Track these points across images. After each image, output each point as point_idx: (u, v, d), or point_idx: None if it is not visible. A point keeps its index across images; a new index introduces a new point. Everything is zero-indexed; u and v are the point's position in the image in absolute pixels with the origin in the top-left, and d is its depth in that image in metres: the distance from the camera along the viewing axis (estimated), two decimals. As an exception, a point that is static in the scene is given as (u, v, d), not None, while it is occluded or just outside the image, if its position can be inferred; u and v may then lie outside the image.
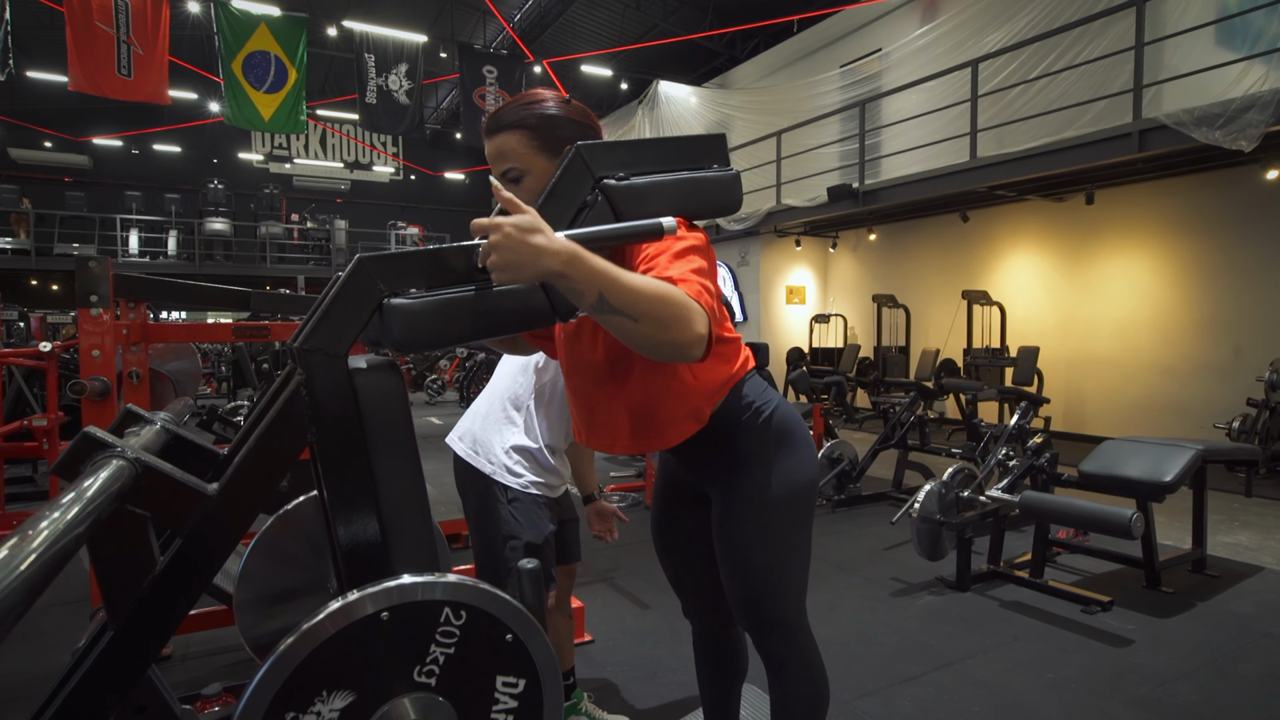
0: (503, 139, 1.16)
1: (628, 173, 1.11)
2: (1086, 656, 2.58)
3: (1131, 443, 3.38)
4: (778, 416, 1.29)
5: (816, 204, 8.39)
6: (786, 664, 1.36)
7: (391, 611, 0.83)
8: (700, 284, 0.99)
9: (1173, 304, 6.90)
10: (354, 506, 0.91)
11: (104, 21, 8.37)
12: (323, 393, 0.88)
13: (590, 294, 0.88)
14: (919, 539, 3.14)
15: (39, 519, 0.63)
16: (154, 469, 0.83)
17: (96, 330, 1.76)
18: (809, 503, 1.34)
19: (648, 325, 0.91)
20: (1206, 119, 4.90)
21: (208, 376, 12.22)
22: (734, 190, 1.22)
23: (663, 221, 0.99)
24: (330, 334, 0.89)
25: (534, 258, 0.86)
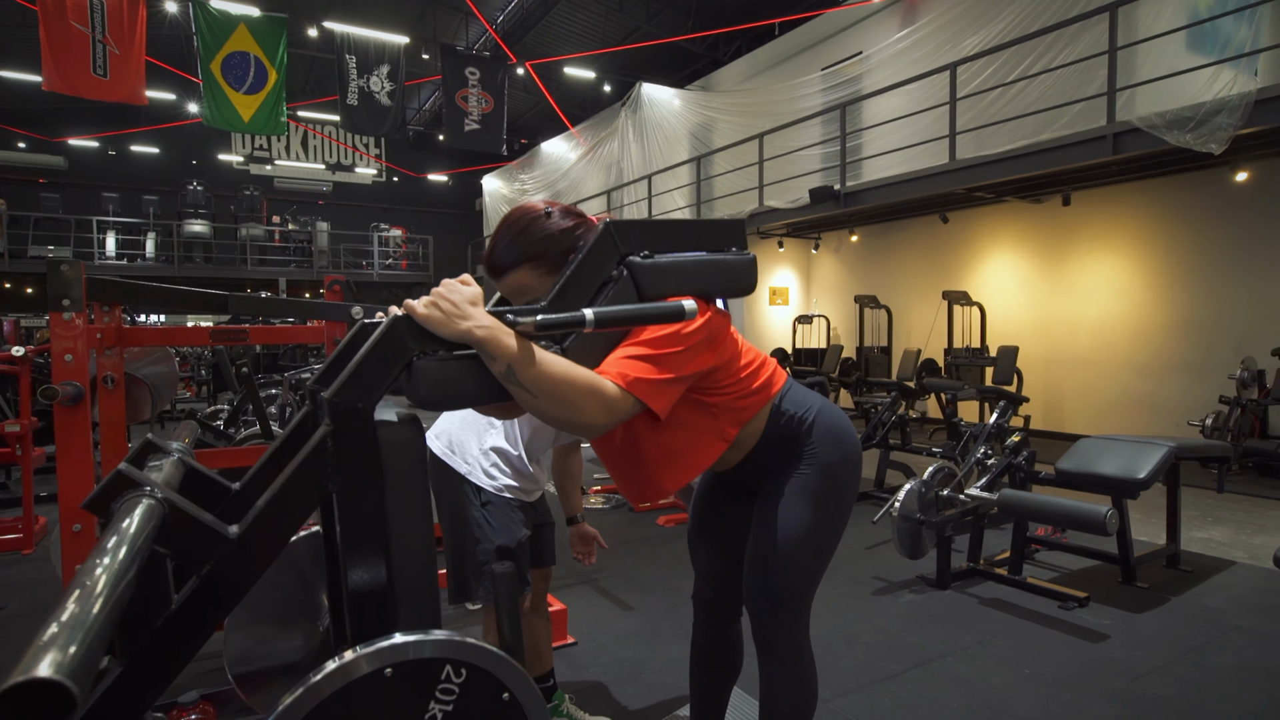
0: (514, 278, 1.20)
1: (651, 251, 1.18)
2: (1063, 652, 2.62)
3: (1107, 441, 3.43)
4: (820, 419, 1.39)
5: (799, 206, 8.43)
6: (782, 655, 1.41)
7: (395, 668, 0.84)
8: (636, 376, 1.09)
9: (1147, 303, 7.02)
10: (366, 556, 0.94)
11: (79, 21, 8.24)
12: (349, 445, 0.92)
13: (500, 364, 0.98)
14: (900, 538, 3.16)
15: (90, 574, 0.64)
16: (181, 511, 0.84)
17: (69, 334, 1.73)
18: (848, 499, 1.43)
19: (545, 403, 1.02)
20: (1178, 122, 4.99)
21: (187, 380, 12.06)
22: (750, 274, 1.29)
23: (684, 304, 1.05)
24: (360, 389, 0.93)
25: (459, 318, 0.97)
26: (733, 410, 1.30)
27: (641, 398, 1.10)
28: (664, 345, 1.13)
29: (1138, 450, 3.22)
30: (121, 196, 15.16)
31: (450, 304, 0.97)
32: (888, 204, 7.87)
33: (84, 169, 16.67)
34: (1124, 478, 3.12)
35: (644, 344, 1.12)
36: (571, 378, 1.04)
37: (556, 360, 1.03)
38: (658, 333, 1.13)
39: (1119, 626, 2.82)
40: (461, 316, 0.97)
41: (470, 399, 1.02)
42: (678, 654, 2.61)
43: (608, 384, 1.07)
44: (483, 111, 10.74)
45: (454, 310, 0.97)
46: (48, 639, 0.53)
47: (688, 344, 1.15)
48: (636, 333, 1.13)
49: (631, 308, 1.08)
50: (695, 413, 1.26)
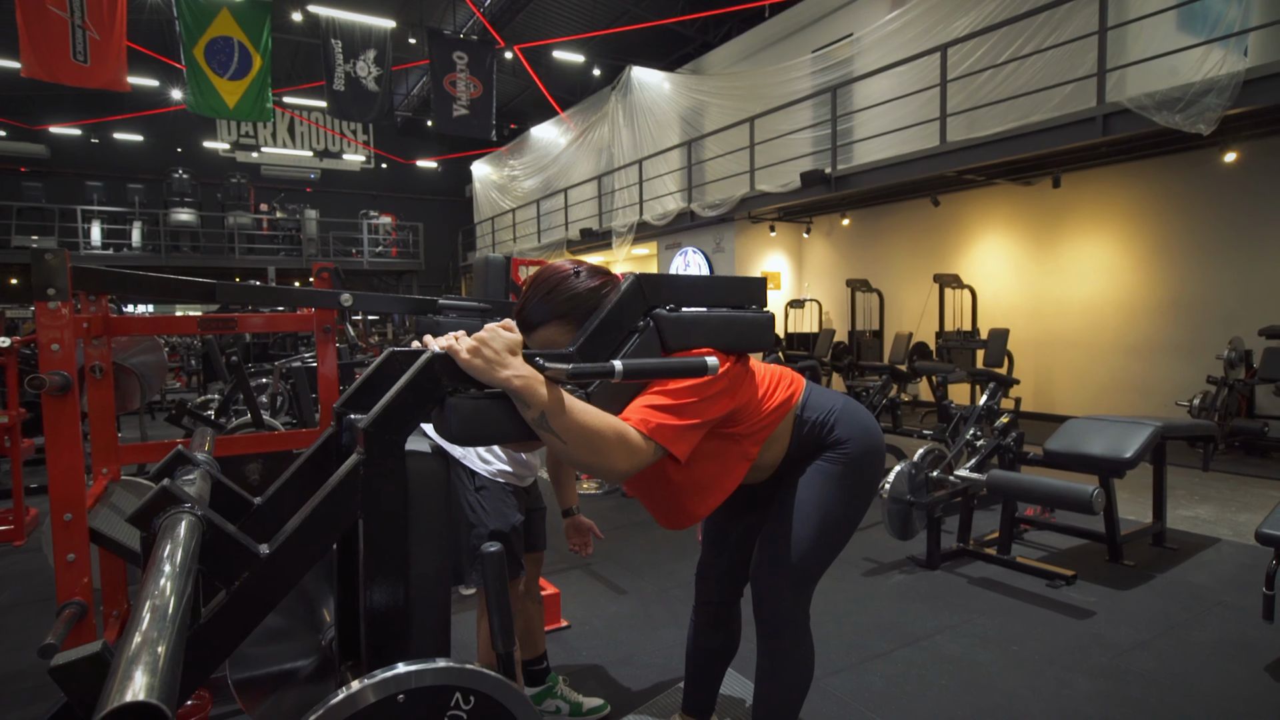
0: (545, 334, 1.27)
1: (677, 304, 1.26)
2: (1050, 629, 2.66)
3: (1094, 421, 3.47)
4: (842, 420, 1.45)
5: (790, 189, 8.42)
6: (783, 635, 1.45)
7: (408, 695, 0.87)
8: (659, 423, 1.16)
9: (1137, 285, 7.06)
10: (387, 581, 0.98)
11: (57, 5, 8.11)
12: (379, 474, 0.96)
13: (534, 411, 1.03)
14: (890, 519, 3.20)
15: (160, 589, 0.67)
16: (218, 529, 0.88)
17: (55, 324, 1.72)
18: (868, 490, 1.48)
19: (574, 451, 1.08)
20: (1167, 103, 5.00)
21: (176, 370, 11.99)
22: (768, 331, 1.36)
23: (707, 361, 1.12)
24: (395, 421, 0.97)
25: (500, 367, 1.01)
26: (755, 434, 1.36)
27: (664, 444, 1.16)
28: (685, 395, 1.19)
29: (1124, 430, 3.26)
30: (106, 185, 15.02)
31: (493, 351, 1.01)
32: (879, 187, 7.87)
33: (66, 157, 16.46)
34: (1111, 457, 3.16)
35: (666, 394, 1.19)
36: (599, 427, 1.09)
37: (586, 409, 1.09)
38: (680, 384, 1.19)
39: (1105, 603, 2.87)
40: (502, 365, 1.01)
41: (499, 437, 1.07)
42: (670, 637, 2.64)
43: (632, 432, 1.13)
44: (471, 97, 10.65)
45: (495, 359, 1.01)
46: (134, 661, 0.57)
47: (707, 394, 1.21)
48: (660, 381, 1.19)
49: (658, 361, 1.14)
50: (718, 443, 1.32)
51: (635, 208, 11.40)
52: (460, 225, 18.95)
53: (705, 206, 9.73)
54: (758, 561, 1.48)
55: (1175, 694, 2.20)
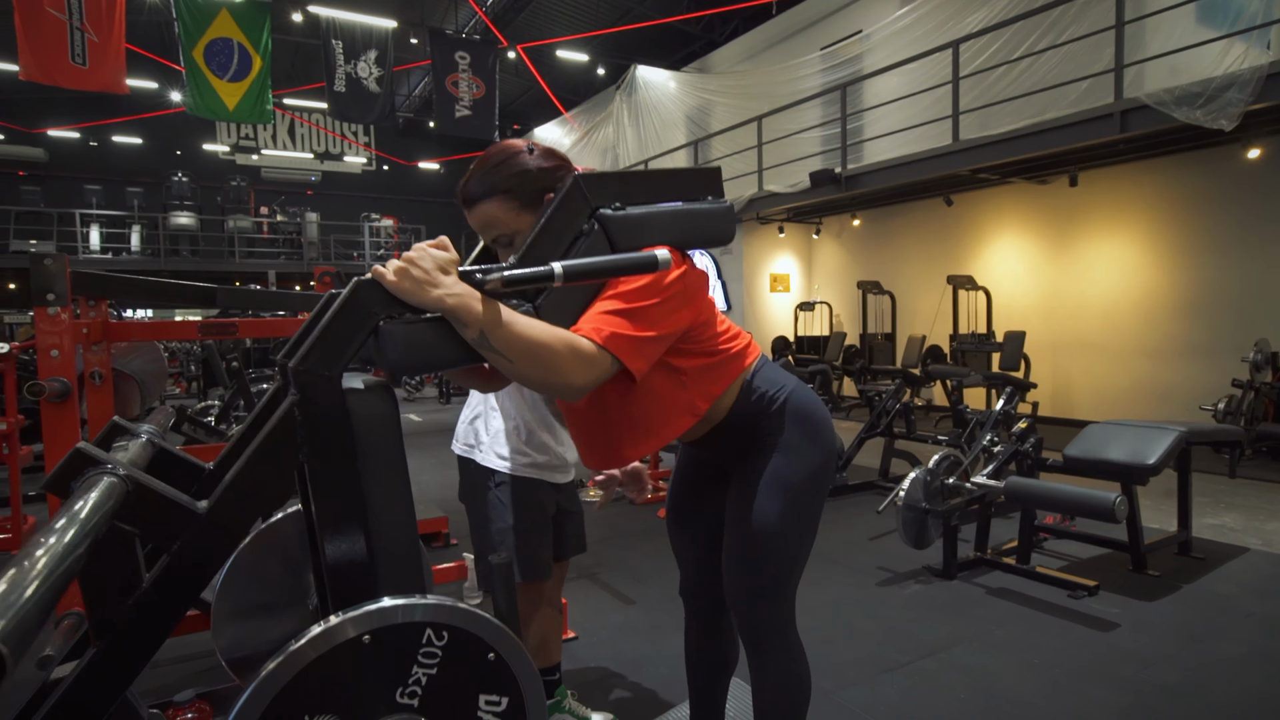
0: (484, 209, 1.20)
1: (623, 203, 1.16)
2: (1070, 641, 2.64)
3: (1115, 426, 3.44)
4: (793, 400, 1.37)
5: (799, 190, 8.42)
6: (769, 648, 1.39)
7: (373, 634, 0.85)
8: (612, 331, 1.08)
9: (1157, 285, 7.02)
10: (342, 527, 0.94)
11: (55, 7, 8.18)
12: (316, 413, 0.92)
13: (473, 331, 0.98)
14: (905, 527, 3.18)
15: (36, 545, 0.64)
16: (144, 486, 0.84)
17: (54, 330, 1.73)
18: (825, 484, 1.42)
19: (521, 367, 1.02)
20: (1187, 98, 4.98)
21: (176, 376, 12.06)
22: (728, 222, 1.27)
23: (657, 254, 1.04)
24: (326, 356, 0.92)
25: (431, 286, 0.96)
26: (703, 382, 1.28)
27: (619, 355, 1.08)
28: (640, 298, 1.11)
29: (1147, 435, 3.23)
30: (104, 189, 15.14)
31: (421, 271, 0.96)
32: (890, 187, 7.85)
33: (65, 161, 16.60)
34: (1133, 463, 3.13)
35: (619, 297, 1.11)
36: (546, 338, 1.03)
37: (531, 323, 1.03)
38: (633, 285, 1.11)
39: (1129, 615, 2.84)
40: (433, 284, 0.96)
41: (442, 362, 1.01)
42: (678, 647, 2.61)
43: (584, 341, 1.06)
44: (474, 97, 10.69)
45: (426, 278, 0.96)
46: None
47: (664, 295, 1.13)
48: (612, 286, 1.12)
49: (603, 259, 1.06)
50: (667, 381, 1.24)
51: (641, 209, 11.40)
52: (463, 228, 18.99)
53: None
54: (727, 580, 1.42)
55: (1200, 709, 2.17)
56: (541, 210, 1.15)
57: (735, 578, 1.40)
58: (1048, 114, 6.01)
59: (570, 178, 1.14)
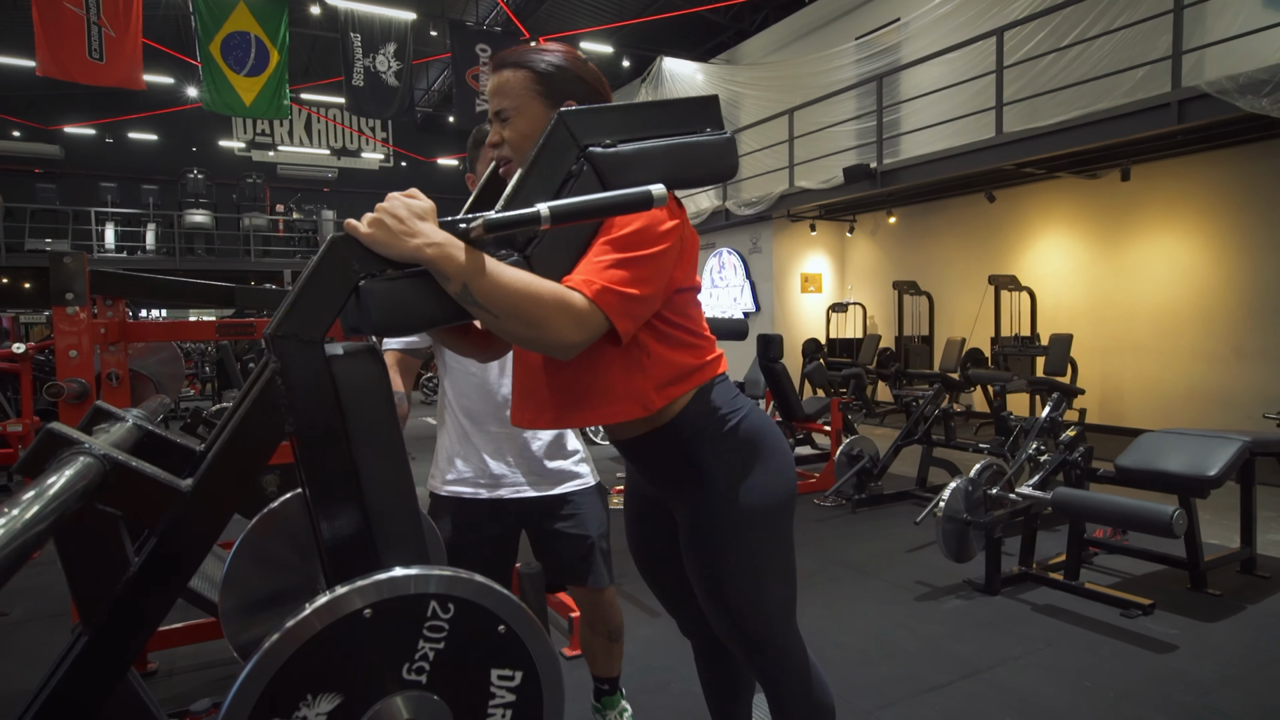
0: (507, 74, 1.17)
1: (614, 140, 1.11)
2: (1126, 663, 2.58)
3: (1172, 435, 3.36)
4: (746, 424, 1.28)
5: (832, 186, 8.36)
6: (782, 683, 1.35)
7: (375, 607, 0.84)
8: (604, 285, 1.03)
9: (1217, 286, 6.85)
10: (336, 499, 0.92)
11: (73, 2, 8.40)
12: (299, 381, 0.89)
13: (455, 284, 0.94)
14: (945, 539, 3.14)
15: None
16: (123, 465, 0.84)
17: (73, 330, 1.77)
18: (785, 515, 1.31)
19: (509, 323, 0.98)
20: (1252, 86, 4.86)
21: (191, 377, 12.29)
22: (728, 154, 1.21)
23: (652, 190, 0.98)
24: (304, 319, 0.89)
25: (408, 236, 0.92)
26: (665, 376, 1.20)
27: (608, 313, 1.04)
28: (634, 246, 1.07)
29: (1207, 445, 3.15)
30: (120, 186, 15.47)
31: (396, 219, 0.92)
32: (928, 182, 7.77)
33: (80, 158, 17.03)
34: (1192, 475, 3.06)
35: (613, 244, 1.07)
36: (535, 291, 0.99)
37: (518, 274, 0.99)
38: (627, 229, 1.07)
39: (1187, 636, 2.77)
40: (410, 234, 0.92)
41: (427, 321, 0.98)
42: (708, 663, 2.61)
43: (575, 295, 1.02)
44: (494, 90, 10.77)
45: (401, 227, 0.92)
46: None
47: (660, 245, 1.10)
48: (605, 231, 1.08)
49: (592, 197, 1.00)
50: (630, 361, 1.17)
51: (666, 206, 11.41)
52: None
53: (741, 204, 9.70)
54: (714, 625, 1.34)
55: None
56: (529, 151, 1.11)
57: (728, 637, 1.33)
58: (1100, 104, 5.91)
59: (554, 116, 1.09)
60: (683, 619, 1.56)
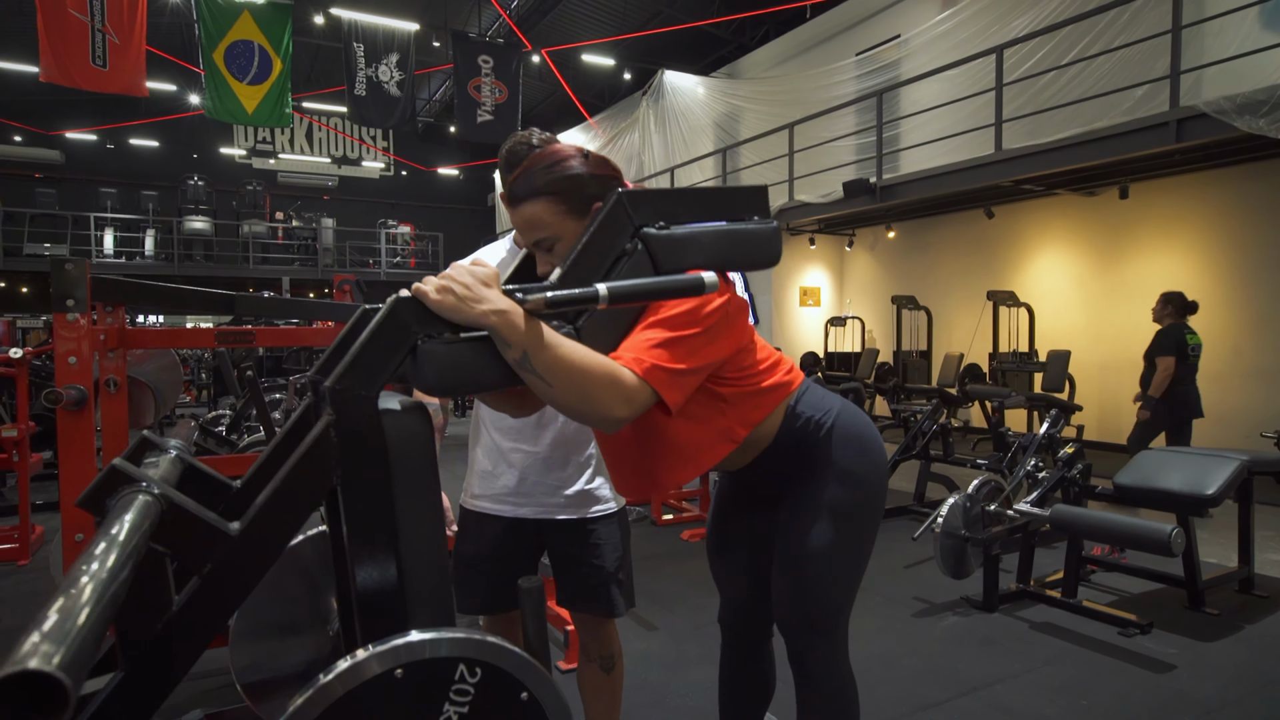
0: (530, 209, 1.21)
1: (668, 222, 1.17)
2: (1124, 682, 2.57)
3: (1170, 453, 3.37)
4: (840, 424, 1.38)
5: (831, 200, 8.39)
6: (820, 678, 1.40)
7: (405, 669, 0.85)
8: (653, 363, 1.08)
9: (1215, 304, 6.87)
10: (375, 553, 0.94)
11: (77, 9, 8.45)
12: (352, 434, 0.92)
13: (515, 351, 0.98)
14: (943, 556, 3.13)
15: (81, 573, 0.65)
16: (179, 507, 0.85)
17: (73, 336, 1.77)
18: (879, 510, 1.44)
19: (561, 394, 1.02)
20: (1250, 106, 4.90)
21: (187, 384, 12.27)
22: (774, 243, 1.27)
23: (704, 277, 1.04)
24: (363, 375, 0.92)
25: (474, 302, 0.96)
26: (744, 409, 1.28)
27: (656, 388, 1.09)
28: (682, 326, 1.12)
29: (1206, 463, 3.16)
30: (120, 192, 15.50)
31: (463, 287, 0.96)
32: (927, 198, 7.80)
33: (81, 163, 17.06)
34: (1191, 493, 3.06)
35: (661, 324, 1.11)
36: (589, 365, 1.03)
37: (574, 346, 1.03)
38: (675, 311, 1.12)
39: (1186, 656, 2.77)
40: (476, 300, 0.96)
41: (481, 384, 1.02)
42: (704, 676, 2.60)
43: (626, 372, 1.06)
44: (496, 102, 10.83)
45: (468, 294, 0.96)
46: (38, 633, 0.54)
47: (707, 324, 1.14)
48: (654, 310, 1.13)
49: (648, 280, 1.06)
50: (705, 407, 1.25)
51: (666, 218, 11.44)
52: (482, 235, 19.19)
53: (741, 217, 9.73)
54: (777, 608, 1.43)
55: (1268, 759, 2.10)
56: (588, 221, 1.16)
57: (788, 608, 1.40)
58: (1098, 123, 5.95)
59: (614, 196, 1.15)
60: (732, 603, 1.62)
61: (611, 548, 1.77)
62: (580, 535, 1.75)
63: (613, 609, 1.76)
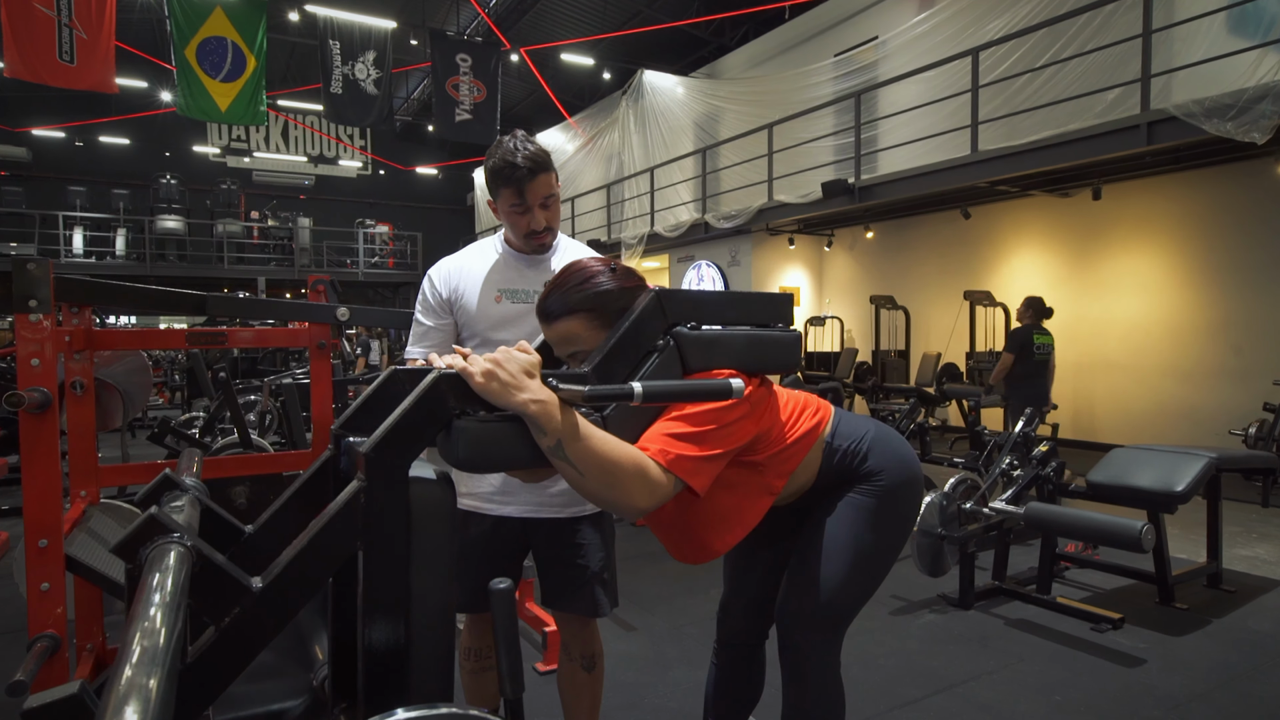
0: (564, 325, 1.26)
1: (697, 321, 1.25)
2: (1096, 677, 2.61)
3: (1141, 451, 3.42)
4: (876, 444, 1.44)
5: (810, 200, 8.44)
6: (812, 679, 1.43)
7: None
8: (678, 455, 1.14)
9: (1185, 304, 7.01)
10: (387, 617, 0.96)
11: (43, 3, 8.27)
12: (382, 502, 0.94)
13: (550, 438, 1.02)
14: (919, 554, 3.16)
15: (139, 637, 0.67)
16: (209, 560, 0.87)
17: (35, 337, 1.73)
18: (906, 520, 1.49)
19: (591, 483, 1.08)
20: (1218, 110, 4.99)
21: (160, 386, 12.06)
22: (794, 351, 1.35)
23: (732, 384, 1.11)
24: (398, 446, 0.95)
25: (516, 390, 1.00)
26: (777, 465, 1.35)
27: (682, 477, 1.15)
28: (706, 422, 1.17)
29: (1175, 461, 3.21)
30: (89, 190, 15.21)
31: (508, 374, 1.00)
32: (905, 198, 7.88)
33: (49, 161, 16.72)
34: (1161, 490, 3.12)
35: (685, 419, 1.17)
36: (618, 458, 1.08)
37: (605, 438, 1.09)
38: (701, 408, 1.18)
39: (1156, 650, 2.81)
40: (519, 389, 1.00)
41: (509, 463, 1.07)
42: (683, 678, 2.60)
43: (651, 464, 1.12)
44: (475, 101, 10.77)
45: (512, 381, 1.00)
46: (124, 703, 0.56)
47: (729, 420, 1.20)
48: (679, 405, 1.18)
49: (680, 383, 1.14)
50: (740, 473, 1.31)
51: (646, 218, 11.45)
52: (461, 235, 19.08)
53: (720, 217, 9.76)
54: (784, 601, 1.46)
55: (1236, 751, 2.14)
56: (619, 321, 1.21)
57: (795, 603, 1.43)
58: (1072, 125, 6.03)
59: (650, 293, 1.22)
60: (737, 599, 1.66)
61: (596, 548, 1.77)
62: (565, 535, 1.75)
63: (596, 609, 1.76)
